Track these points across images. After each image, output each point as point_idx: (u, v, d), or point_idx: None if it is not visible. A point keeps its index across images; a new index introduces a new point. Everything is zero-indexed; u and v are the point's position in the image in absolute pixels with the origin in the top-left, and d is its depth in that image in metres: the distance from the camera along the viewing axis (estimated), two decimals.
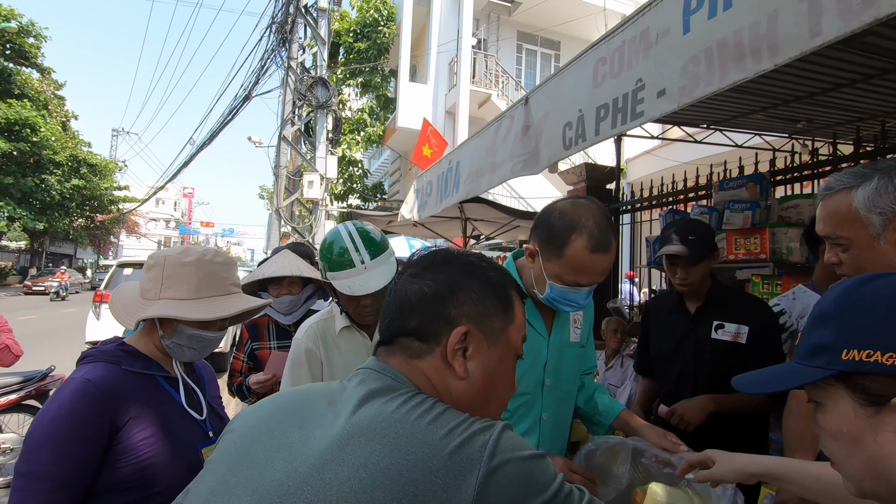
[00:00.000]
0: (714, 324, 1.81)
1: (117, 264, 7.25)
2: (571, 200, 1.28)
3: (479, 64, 11.93)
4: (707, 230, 1.90)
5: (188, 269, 1.13)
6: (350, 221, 1.54)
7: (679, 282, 1.84)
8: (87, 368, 1.04)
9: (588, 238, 1.18)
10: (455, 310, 0.71)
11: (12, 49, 23.99)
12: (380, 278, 1.42)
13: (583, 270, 1.20)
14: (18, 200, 23.52)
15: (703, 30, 1.55)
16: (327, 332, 1.51)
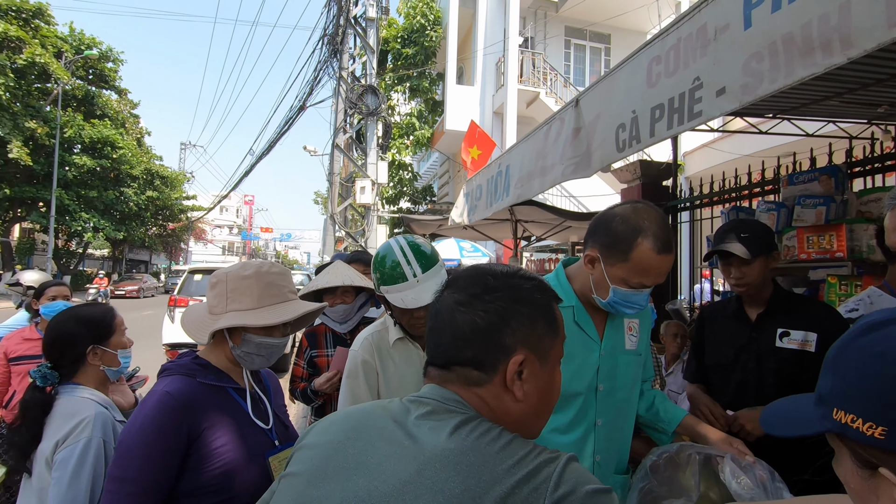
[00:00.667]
0: (778, 331, 1.71)
1: (188, 271, 7.76)
2: (630, 205, 1.31)
3: (526, 63, 11.80)
4: (763, 228, 1.82)
5: (249, 281, 1.21)
6: (401, 235, 1.58)
7: (735, 282, 1.77)
8: (167, 381, 1.14)
9: (654, 240, 1.22)
10: (510, 338, 0.72)
11: (94, 74, 26.24)
12: (432, 291, 1.45)
13: (649, 271, 1.24)
14: (101, 212, 25.67)
15: (767, 24, 1.48)
16: (382, 344, 1.56)
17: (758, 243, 1.72)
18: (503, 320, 0.73)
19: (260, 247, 72.84)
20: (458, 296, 0.76)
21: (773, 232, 1.86)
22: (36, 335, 2.73)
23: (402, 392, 1.52)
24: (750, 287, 1.75)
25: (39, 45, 20.15)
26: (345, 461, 0.66)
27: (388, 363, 1.54)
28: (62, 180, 22.47)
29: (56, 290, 2.75)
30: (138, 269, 38.47)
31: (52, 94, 21.60)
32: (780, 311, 1.75)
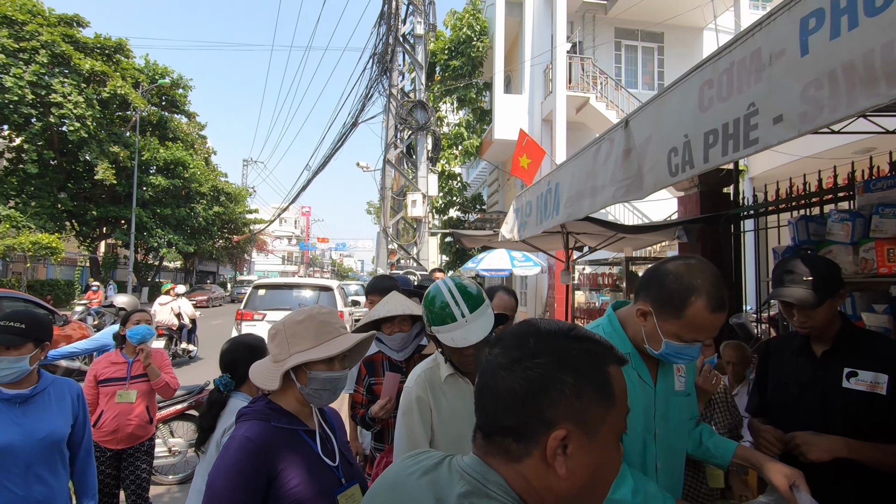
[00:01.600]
0: (845, 371, 1.61)
1: (253, 286, 8.22)
2: (683, 262, 1.31)
3: (574, 68, 11.63)
4: (828, 267, 1.68)
5: (304, 324, 1.33)
6: (449, 276, 1.65)
7: (798, 325, 1.68)
8: (246, 426, 1.26)
9: (707, 299, 1.22)
10: (551, 410, 0.67)
11: (167, 100, 28.39)
12: (479, 330, 1.52)
13: (702, 329, 1.24)
14: (174, 227, 27.63)
15: (825, 51, 1.43)
16: (434, 380, 1.62)
17: (823, 287, 1.61)
18: (544, 389, 0.67)
19: (317, 256, 75.64)
20: (501, 358, 0.71)
21: (838, 269, 1.71)
22: (122, 359, 3.00)
23: (455, 427, 1.59)
24: (815, 329, 1.66)
25: (120, 78, 22.07)
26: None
27: (440, 399, 1.60)
28: (140, 200, 24.42)
29: (139, 315, 3.03)
30: (207, 280, 41.00)
31: (132, 121, 23.58)
32: (847, 348, 1.64)
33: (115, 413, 2.89)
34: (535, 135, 11.76)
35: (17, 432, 1.69)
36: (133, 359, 3.01)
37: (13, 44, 18.79)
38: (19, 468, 1.69)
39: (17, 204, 20.34)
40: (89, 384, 2.91)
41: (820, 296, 1.60)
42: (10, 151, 22.06)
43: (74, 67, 20.24)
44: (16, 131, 20.73)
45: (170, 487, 4.16)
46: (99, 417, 2.89)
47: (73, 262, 26.73)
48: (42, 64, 19.23)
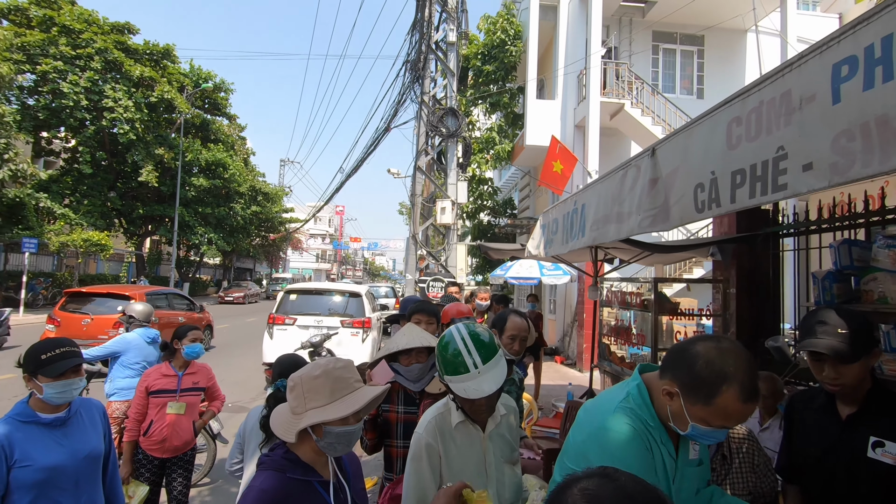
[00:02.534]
0: (871, 439, 1.49)
1: (284, 291, 8.43)
2: (715, 345, 1.23)
3: (609, 73, 11.40)
4: (863, 321, 1.56)
5: (319, 380, 1.36)
6: (462, 324, 1.63)
7: (828, 382, 1.56)
8: (262, 478, 1.31)
9: (740, 389, 1.16)
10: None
11: (209, 103, 29.46)
12: (491, 382, 1.50)
13: (732, 418, 1.19)
14: (214, 226, 28.64)
15: (858, 102, 1.36)
16: (444, 426, 1.62)
17: (858, 342, 1.49)
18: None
19: (350, 254, 76.87)
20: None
21: (873, 325, 1.61)
22: (171, 372, 3.16)
23: (464, 474, 1.59)
24: (845, 388, 1.55)
25: (167, 83, 23.05)
26: None
27: (450, 446, 1.61)
28: (183, 199, 25.43)
29: (194, 333, 3.18)
30: (244, 277, 42.31)
31: (176, 124, 24.59)
32: (875, 413, 1.52)
33: (164, 423, 3.05)
34: (568, 141, 11.60)
35: (63, 453, 1.81)
36: (183, 372, 3.16)
37: (70, 51, 19.90)
38: (69, 485, 1.81)
39: (72, 202, 21.53)
40: (140, 395, 3.06)
41: (855, 350, 1.49)
42: (66, 152, 23.39)
43: (125, 73, 21.26)
44: (71, 133, 21.96)
45: (200, 490, 4.34)
46: (149, 427, 3.05)
47: (121, 258, 28.08)
48: (96, 70, 20.29)
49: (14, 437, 1.71)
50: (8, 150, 14.71)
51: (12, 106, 19.14)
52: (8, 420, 1.75)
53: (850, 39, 1.40)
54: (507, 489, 1.63)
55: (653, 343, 4.11)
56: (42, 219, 19.40)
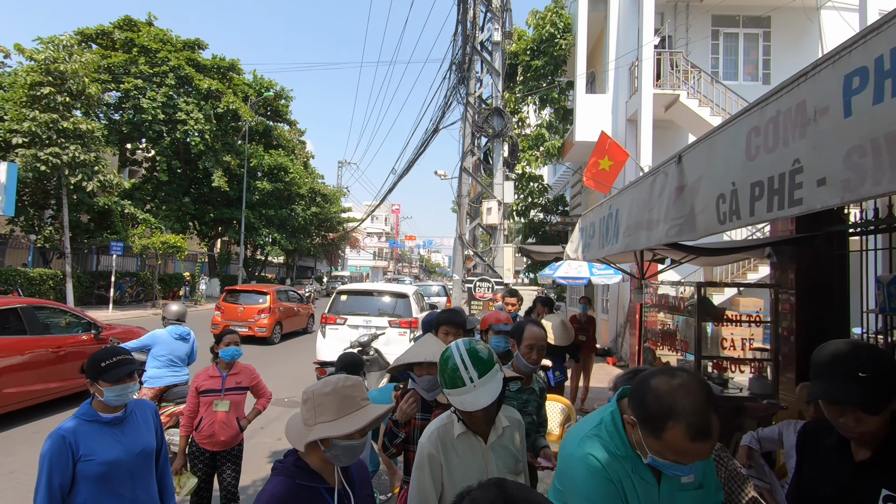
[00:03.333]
0: (883, 493, 1.32)
1: (336, 292, 8.80)
2: (667, 379, 1.20)
3: (664, 63, 10.90)
4: (888, 362, 1.33)
5: (329, 397, 1.47)
6: (462, 340, 1.71)
7: (847, 430, 1.38)
8: (273, 483, 1.45)
9: (687, 427, 1.12)
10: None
11: (271, 111, 31.02)
12: (486, 395, 1.57)
13: (683, 455, 1.15)
14: (277, 227, 30.18)
15: (868, 116, 1.30)
16: (447, 437, 1.70)
17: (885, 388, 1.29)
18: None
19: (406, 252, 78.30)
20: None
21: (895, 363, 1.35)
22: (217, 373, 3.46)
23: (465, 484, 1.65)
24: (864, 437, 1.37)
25: (232, 94, 24.54)
26: None
27: (451, 456, 1.68)
28: (248, 202, 27.00)
29: (230, 337, 3.46)
30: (306, 275, 44.27)
31: (241, 132, 26.12)
32: (890, 464, 1.34)
33: (211, 420, 3.34)
34: (619, 136, 11.23)
35: (121, 449, 2.05)
36: (227, 373, 3.45)
37: (148, 69, 21.67)
38: (126, 477, 2.05)
39: (152, 208, 23.48)
40: (192, 394, 3.40)
41: (882, 400, 1.29)
42: (147, 162, 25.51)
43: (195, 87, 22.86)
44: (151, 145, 23.93)
45: (255, 480, 4.66)
46: (199, 423, 3.36)
47: (195, 259, 30.25)
48: (170, 86, 21.96)
49: (79, 435, 1.97)
50: (97, 163, 16.27)
51: (101, 122, 21.12)
52: (74, 419, 2.01)
53: (861, 49, 1.33)
54: None
55: (696, 350, 3.95)
56: (126, 224, 21.30)
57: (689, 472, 1.21)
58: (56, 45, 15.91)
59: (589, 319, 7.53)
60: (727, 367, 4.13)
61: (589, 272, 9.63)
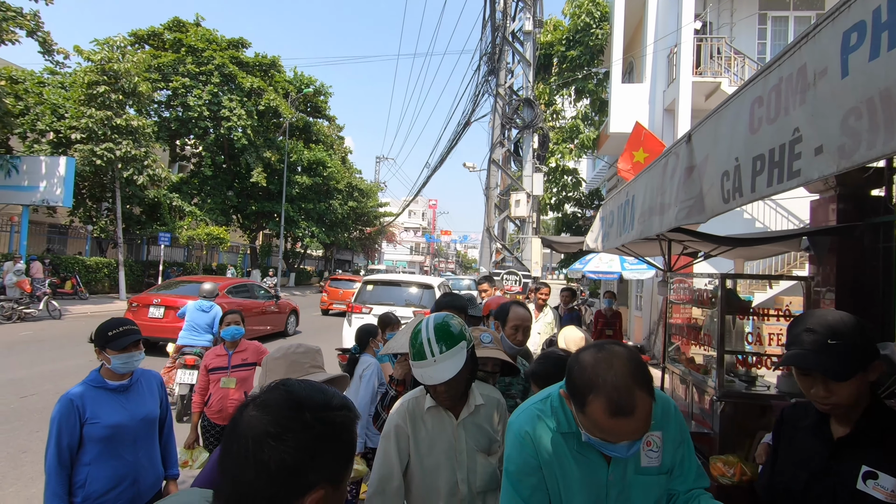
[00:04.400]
0: (863, 469, 1.25)
1: (363, 282, 8.93)
2: (594, 352, 1.16)
3: (704, 50, 10.41)
4: (860, 331, 1.29)
5: (279, 361, 1.58)
6: (434, 315, 1.69)
7: (818, 401, 1.33)
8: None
9: (606, 402, 1.08)
10: (314, 475, 0.72)
11: (311, 107, 31.75)
12: (445, 371, 1.55)
13: (606, 432, 1.10)
14: (316, 221, 30.92)
15: (864, 74, 1.19)
16: (417, 410, 1.70)
17: (854, 356, 1.25)
18: (312, 458, 0.71)
19: (442, 247, 78.59)
20: (271, 427, 0.71)
21: (871, 334, 1.30)
22: (223, 352, 3.60)
23: (432, 458, 1.66)
24: (837, 408, 1.32)
25: (273, 91, 25.27)
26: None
27: (420, 429, 1.68)
28: (288, 196, 27.78)
29: (231, 317, 3.60)
30: (343, 268, 45.21)
31: (282, 128, 26.88)
32: (871, 437, 1.27)
33: (219, 396, 3.48)
34: (656, 126, 10.83)
35: (125, 414, 2.16)
36: (232, 351, 3.57)
37: (195, 69, 22.60)
38: (128, 441, 2.16)
39: (198, 201, 24.56)
40: (202, 373, 3.55)
41: (849, 366, 1.26)
42: (194, 157, 26.68)
43: (238, 84, 23.68)
44: (197, 141, 25.01)
45: None
46: (209, 398, 3.50)
47: (237, 250, 31.45)
48: (215, 84, 22.84)
49: (87, 399, 2.08)
50: (147, 158, 17.14)
51: (151, 119, 22.23)
52: (83, 385, 2.12)
53: (860, 2, 1.22)
54: (479, 477, 1.65)
55: (718, 345, 3.76)
56: (174, 216, 22.36)
57: (626, 454, 1.14)
58: (111, 46, 16.84)
59: (615, 314, 7.33)
60: (754, 364, 3.92)
61: (620, 266, 9.37)
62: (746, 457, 3.37)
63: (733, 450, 3.58)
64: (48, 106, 17.25)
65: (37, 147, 17.07)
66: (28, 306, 12.35)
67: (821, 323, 1.32)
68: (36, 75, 18.35)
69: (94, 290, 18.11)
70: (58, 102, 17.33)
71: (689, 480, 1.31)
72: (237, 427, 0.73)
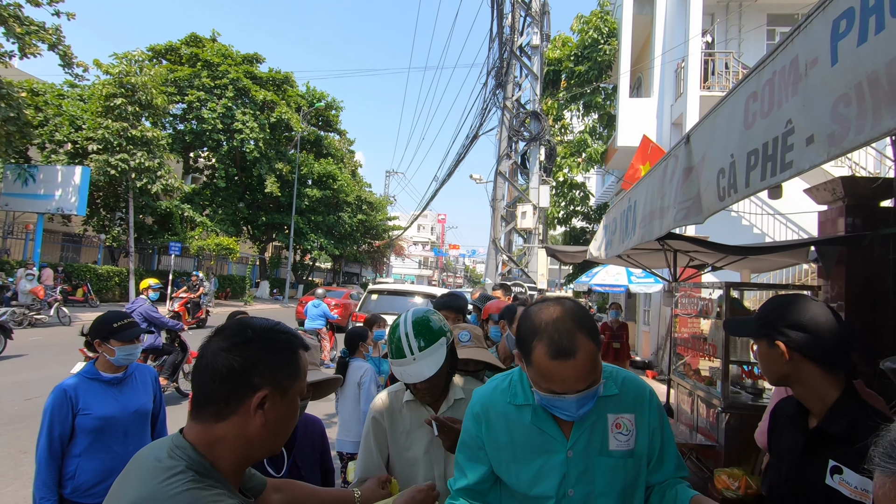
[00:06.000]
0: (830, 464, 1.18)
1: (368, 291, 8.95)
2: (542, 304, 1.20)
3: (712, 65, 10.43)
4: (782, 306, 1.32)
5: None
6: (413, 311, 1.65)
7: (762, 369, 1.38)
8: None
9: (548, 343, 1.10)
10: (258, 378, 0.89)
11: (322, 121, 32.21)
12: (424, 369, 1.52)
13: (550, 378, 1.11)
14: (325, 233, 31.12)
15: (852, 60, 1.18)
16: (395, 404, 1.68)
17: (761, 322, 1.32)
18: (254, 364, 0.89)
19: (450, 261, 78.61)
20: (223, 343, 0.91)
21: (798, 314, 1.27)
22: None
23: (411, 452, 1.64)
24: (769, 375, 1.34)
25: (285, 105, 25.70)
26: None
27: (398, 423, 1.66)
28: (298, 208, 28.04)
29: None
30: (351, 281, 45.30)
31: (294, 141, 27.26)
32: (839, 431, 1.20)
33: None
34: (664, 140, 10.83)
35: (117, 406, 2.16)
36: None
37: (210, 83, 23.10)
38: (119, 433, 2.16)
39: (210, 212, 24.87)
40: None
41: (756, 329, 1.33)
42: (207, 169, 27.11)
43: (252, 98, 24.13)
44: (211, 153, 25.43)
45: None
46: None
47: (246, 261, 31.67)
48: (229, 98, 23.29)
49: (80, 390, 2.09)
50: (161, 168, 17.45)
51: (166, 131, 22.68)
52: (76, 377, 2.13)
53: None
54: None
55: (724, 354, 3.69)
56: (185, 226, 22.64)
57: (575, 413, 1.13)
58: (129, 59, 17.29)
59: (621, 326, 7.24)
60: (760, 376, 3.83)
61: (627, 279, 9.29)
62: (752, 470, 3.28)
63: (739, 463, 3.49)
64: (66, 117, 17.69)
65: (54, 157, 17.47)
66: (39, 312, 12.51)
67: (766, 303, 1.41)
68: (56, 88, 18.86)
69: (105, 299, 18.30)
70: (76, 114, 17.76)
71: (668, 472, 1.27)
72: (202, 349, 0.94)
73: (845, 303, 4.37)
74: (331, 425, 5.12)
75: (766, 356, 1.31)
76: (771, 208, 10.22)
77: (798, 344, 1.23)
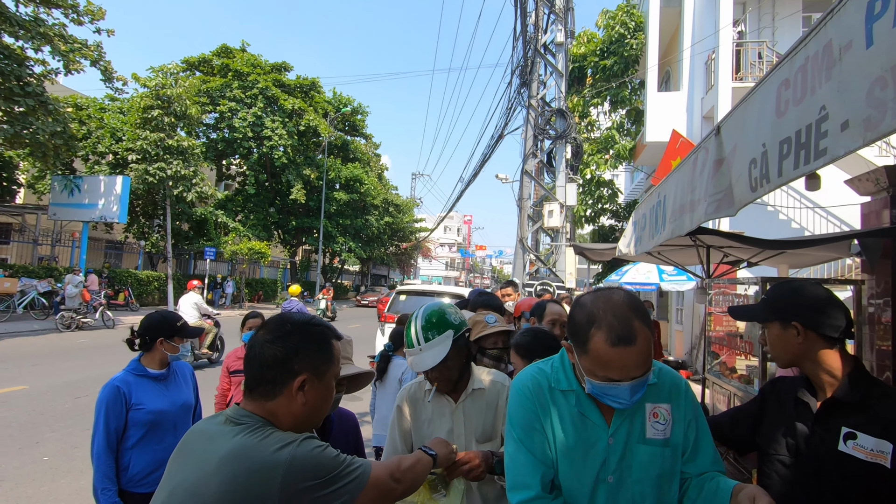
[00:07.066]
0: (843, 431, 1.29)
1: (396, 292, 9.03)
2: (594, 293, 1.22)
3: (744, 55, 10.12)
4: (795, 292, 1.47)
5: None
6: (428, 305, 1.74)
7: (769, 350, 1.50)
8: None
9: (607, 331, 1.11)
10: (298, 365, 1.06)
11: (348, 125, 32.72)
12: (429, 359, 1.61)
13: (609, 366, 1.11)
14: (353, 236, 31.59)
15: (888, 41, 1.16)
16: (418, 394, 1.77)
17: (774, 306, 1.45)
18: (295, 353, 1.06)
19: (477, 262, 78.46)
20: (267, 336, 1.09)
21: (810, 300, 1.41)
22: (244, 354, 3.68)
23: (430, 438, 1.66)
24: (774, 355, 1.46)
25: (313, 111, 26.24)
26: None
27: (420, 412, 1.74)
28: (326, 212, 28.56)
29: (252, 321, 3.63)
30: (379, 283, 45.79)
31: (321, 146, 27.79)
32: (849, 402, 1.31)
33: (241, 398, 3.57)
34: (695, 135, 10.56)
35: (166, 401, 2.28)
36: None
37: (241, 93, 23.80)
38: (170, 427, 2.28)
39: (242, 218, 25.59)
40: (224, 374, 3.59)
41: (767, 313, 1.46)
42: (239, 176, 27.91)
43: (280, 106, 24.72)
44: (242, 160, 26.17)
45: None
46: (230, 400, 3.57)
47: (277, 265, 32.43)
48: (259, 107, 23.94)
49: (131, 386, 2.20)
50: (196, 176, 18.07)
51: (200, 140, 23.47)
52: (126, 373, 2.25)
53: None
54: None
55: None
56: (219, 232, 23.35)
57: (629, 401, 1.13)
58: (165, 72, 17.99)
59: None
60: None
61: (658, 277, 9.10)
62: None
63: None
64: (108, 130, 18.53)
65: (97, 168, 18.33)
66: (85, 316, 13.14)
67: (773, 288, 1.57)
68: (97, 102, 19.77)
69: (145, 302, 19.06)
70: (116, 126, 18.58)
71: (704, 464, 1.26)
72: (252, 341, 1.12)
73: (892, 298, 4.17)
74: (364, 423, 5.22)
75: (780, 338, 1.42)
76: (810, 201, 9.85)
77: (813, 322, 1.35)
